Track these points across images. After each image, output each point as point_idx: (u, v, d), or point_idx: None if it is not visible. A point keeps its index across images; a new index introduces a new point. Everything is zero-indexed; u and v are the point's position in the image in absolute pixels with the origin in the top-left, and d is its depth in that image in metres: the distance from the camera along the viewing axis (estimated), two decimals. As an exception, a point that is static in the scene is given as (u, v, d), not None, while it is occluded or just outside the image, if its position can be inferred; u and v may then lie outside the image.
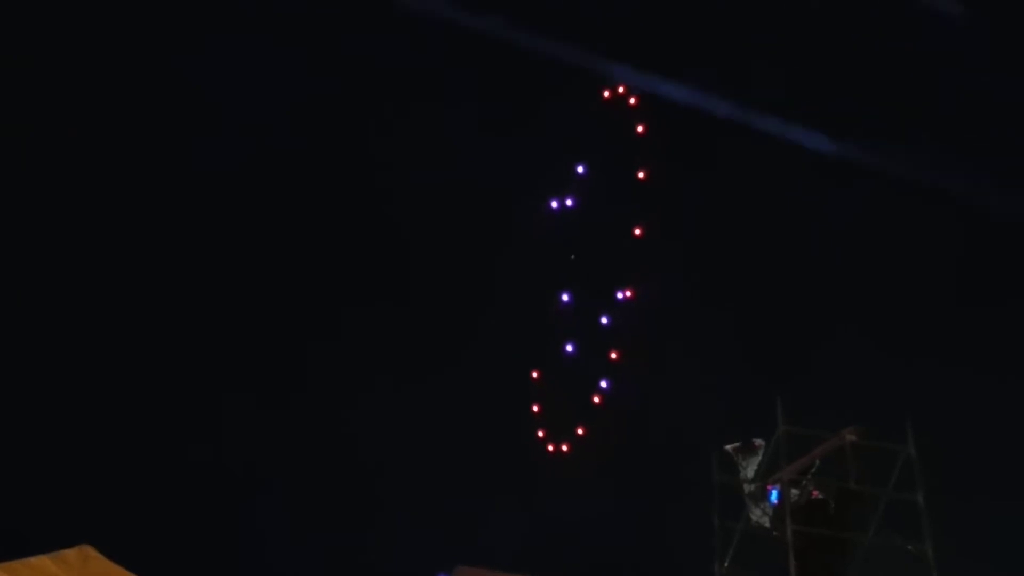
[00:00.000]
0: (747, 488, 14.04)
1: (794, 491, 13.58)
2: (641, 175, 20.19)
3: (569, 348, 20.35)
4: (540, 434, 20.03)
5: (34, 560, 10.46)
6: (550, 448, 20.02)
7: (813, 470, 13.74)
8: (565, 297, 20.33)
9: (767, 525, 13.82)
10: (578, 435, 20.01)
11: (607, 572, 17.93)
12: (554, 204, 20.45)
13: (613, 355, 20.19)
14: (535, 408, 20.16)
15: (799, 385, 15.27)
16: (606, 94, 20.30)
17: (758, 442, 14.15)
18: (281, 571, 18.35)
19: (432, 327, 19.58)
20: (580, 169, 20.46)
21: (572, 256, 20.32)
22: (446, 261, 19.62)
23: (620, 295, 20.21)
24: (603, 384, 20.14)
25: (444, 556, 16.04)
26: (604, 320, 20.29)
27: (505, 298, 19.77)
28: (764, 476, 13.96)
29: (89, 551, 10.79)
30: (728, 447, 14.19)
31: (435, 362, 19.28)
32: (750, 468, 14.10)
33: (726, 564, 13.61)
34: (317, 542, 18.63)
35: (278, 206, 19.33)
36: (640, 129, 20.22)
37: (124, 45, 18.31)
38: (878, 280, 18.47)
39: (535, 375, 20.31)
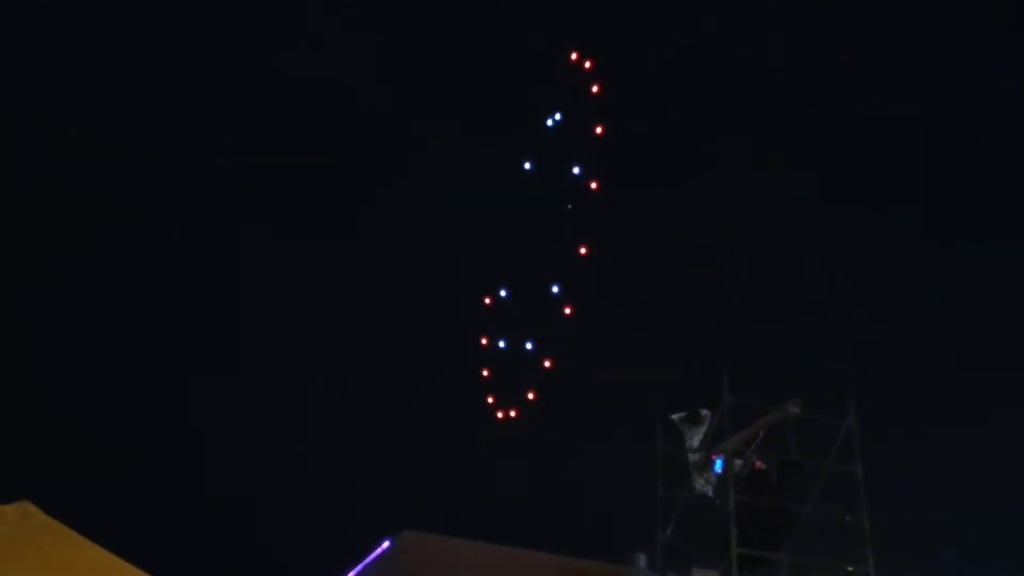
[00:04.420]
0: (692, 458, 14.12)
1: (738, 461, 13.67)
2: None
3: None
4: (489, 400, 20.02)
5: (-29, 516, 10.34)
6: (496, 412, 20.01)
7: (757, 441, 13.84)
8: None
9: (710, 494, 13.91)
10: (526, 402, 20.01)
11: (553, 538, 18.01)
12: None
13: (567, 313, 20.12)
14: (484, 373, 20.14)
15: (746, 357, 15.37)
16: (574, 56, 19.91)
17: (704, 412, 14.22)
18: (234, 534, 18.33)
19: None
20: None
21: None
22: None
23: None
24: (552, 353, 20.13)
25: (391, 522, 16.05)
26: (555, 289, 20.23)
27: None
28: (709, 446, 14.05)
29: (29, 508, 10.64)
30: (674, 416, 14.25)
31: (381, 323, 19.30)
32: (695, 438, 14.16)
33: (668, 532, 13.73)
34: (263, 506, 18.60)
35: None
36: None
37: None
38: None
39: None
